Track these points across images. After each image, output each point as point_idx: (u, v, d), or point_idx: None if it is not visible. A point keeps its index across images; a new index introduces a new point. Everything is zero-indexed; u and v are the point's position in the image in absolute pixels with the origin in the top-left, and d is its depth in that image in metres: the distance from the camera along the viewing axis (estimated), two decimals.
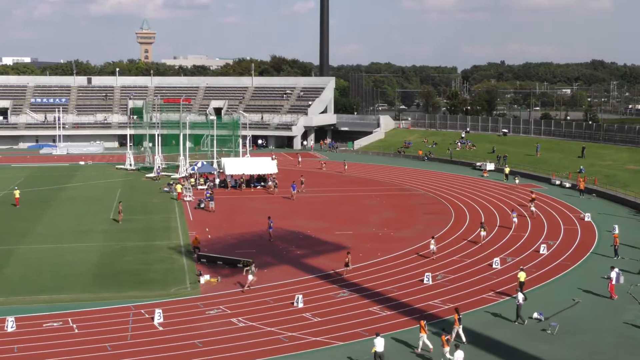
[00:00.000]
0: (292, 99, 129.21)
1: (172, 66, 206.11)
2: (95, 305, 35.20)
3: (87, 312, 34.29)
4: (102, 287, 38.37)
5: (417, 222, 56.02)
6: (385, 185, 76.76)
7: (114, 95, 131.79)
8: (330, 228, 53.57)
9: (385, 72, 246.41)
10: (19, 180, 79.89)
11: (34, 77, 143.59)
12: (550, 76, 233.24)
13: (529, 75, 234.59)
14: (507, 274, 40.78)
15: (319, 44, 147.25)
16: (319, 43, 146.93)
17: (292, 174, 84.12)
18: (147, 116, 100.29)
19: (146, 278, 40.04)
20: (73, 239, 49.63)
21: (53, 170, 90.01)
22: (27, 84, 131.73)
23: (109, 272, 41.24)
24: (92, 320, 33.11)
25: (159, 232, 52.18)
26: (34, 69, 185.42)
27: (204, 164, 78.12)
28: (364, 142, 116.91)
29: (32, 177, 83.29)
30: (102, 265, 42.90)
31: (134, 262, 43.54)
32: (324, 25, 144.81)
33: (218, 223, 55.36)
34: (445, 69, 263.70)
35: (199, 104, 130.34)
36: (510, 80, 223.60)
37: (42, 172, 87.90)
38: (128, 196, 69.12)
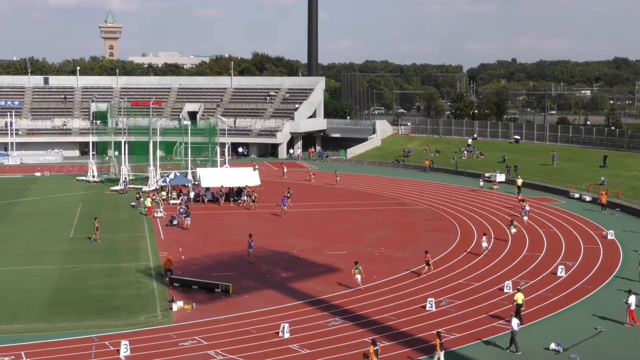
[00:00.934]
0: (277, 102, 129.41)
1: (140, 64, 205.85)
2: (52, 337, 34.95)
3: (43, 344, 34.03)
4: (61, 315, 38.14)
5: (418, 241, 56.05)
6: (382, 199, 76.82)
7: (75, 98, 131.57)
8: (320, 247, 53.54)
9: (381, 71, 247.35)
10: None
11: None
12: (568, 76, 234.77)
13: (543, 74, 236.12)
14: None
15: (306, 40, 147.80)
16: (307, 39, 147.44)
17: (277, 186, 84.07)
18: (112, 121, 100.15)
19: (111, 305, 39.85)
20: (27, 261, 49.35)
21: (4, 182, 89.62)
22: None
23: (69, 299, 41.01)
24: (49, 354, 32.86)
25: (126, 252, 51.98)
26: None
27: (177, 175, 78.02)
28: (357, 150, 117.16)
29: None
30: (61, 290, 42.66)
31: (97, 287, 43.33)
32: (312, 18, 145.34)
33: (193, 242, 55.21)
34: (450, 68, 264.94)
35: (171, 107, 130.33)
36: (523, 81, 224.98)
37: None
38: (90, 212, 68.82)
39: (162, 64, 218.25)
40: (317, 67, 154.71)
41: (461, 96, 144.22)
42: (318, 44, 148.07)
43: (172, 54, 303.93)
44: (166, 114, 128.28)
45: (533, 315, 37.88)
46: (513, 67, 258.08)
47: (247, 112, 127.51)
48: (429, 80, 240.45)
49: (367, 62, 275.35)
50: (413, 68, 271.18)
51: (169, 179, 76.86)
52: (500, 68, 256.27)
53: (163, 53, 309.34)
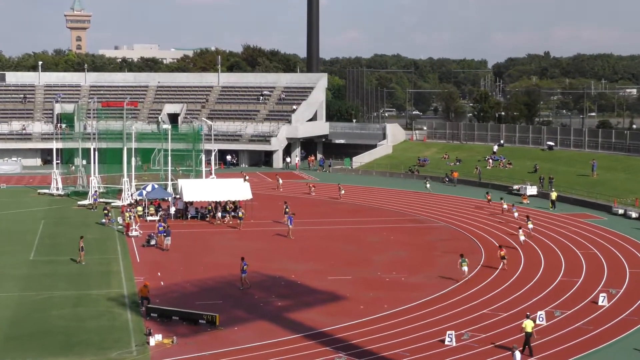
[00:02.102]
0: (271, 103, 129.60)
1: (112, 59, 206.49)
2: None
3: None
4: (19, 351, 38.08)
5: (435, 264, 56.04)
6: (394, 216, 76.83)
7: (36, 97, 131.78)
8: (321, 272, 53.52)
9: (393, 67, 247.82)
10: None
11: None
12: (610, 72, 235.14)
13: (581, 70, 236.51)
14: (556, 332, 40.79)
15: (306, 31, 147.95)
16: (306, 29, 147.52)
17: (271, 200, 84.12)
18: (79, 125, 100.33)
19: (78, 339, 39.81)
20: None
21: None
22: None
23: (28, 332, 40.97)
24: None
25: (96, 277, 51.94)
26: None
27: (155, 187, 78.07)
28: (365, 158, 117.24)
29: None
30: (19, 322, 42.63)
31: (61, 317, 43.29)
32: (312, 6, 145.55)
33: (174, 266, 55.19)
34: (472, 63, 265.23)
35: (148, 109, 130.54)
36: (557, 78, 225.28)
37: None
38: (54, 230, 68.90)
39: (137, 58, 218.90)
40: (318, 63, 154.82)
41: (485, 96, 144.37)
42: (319, 36, 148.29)
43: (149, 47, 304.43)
44: (143, 116, 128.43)
45: (570, 352, 37.81)
46: (546, 62, 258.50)
47: (236, 114, 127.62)
48: (448, 77, 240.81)
49: (376, 56, 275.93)
50: (429, 63, 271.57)
51: (145, 192, 76.87)
52: (531, 63, 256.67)
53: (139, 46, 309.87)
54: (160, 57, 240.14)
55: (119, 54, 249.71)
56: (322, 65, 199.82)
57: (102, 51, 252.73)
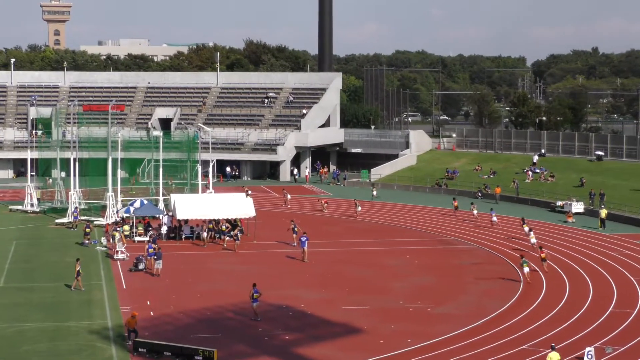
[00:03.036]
0: (278, 106, 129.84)
1: (96, 56, 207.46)
2: None
3: None
4: None
5: (466, 292, 55.93)
6: (418, 236, 76.76)
7: (7, 100, 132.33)
8: (335, 300, 53.43)
9: (417, 65, 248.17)
10: None
11: None
12: None
13: (635, 69, 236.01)
14: None
15: (317, 24, 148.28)
16: (318, 22, 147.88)
17: (278, 218, 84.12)
18: (57, 131, 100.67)
19: None
20: None
21: None
22: None
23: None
24: None
25: (75, 307, 51.90)
26: None
27: (144, 203, 78.20)
28: (385, 170, 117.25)
29: None
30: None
31: (35, 353, 43.26)
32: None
33: (165, 293, 55.16)
34: (509, 61, 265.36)
35: (136, 113, 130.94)
36: (607, 77, 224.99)
37: None
38: (28, 253, 68.98)
39: (124, 55, 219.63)
40: (332, 60, 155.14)
41: (524, 98, 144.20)
42: (332, 29, 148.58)
43: (138, 42, 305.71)
44: (130, 121, 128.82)
45: None
46: (594, 59, 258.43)
47: (238, 119, 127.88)
48: (481, 76, 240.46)
49: (397, 52, 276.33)
50: (459, 61, 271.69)
51: (133, 209, 76.98)
52: (576, 60, 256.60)
53: (126, 41, 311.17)
54: (150, 54, 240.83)
55: (103, 50, 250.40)
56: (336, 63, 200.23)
57: (83, 47, 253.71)
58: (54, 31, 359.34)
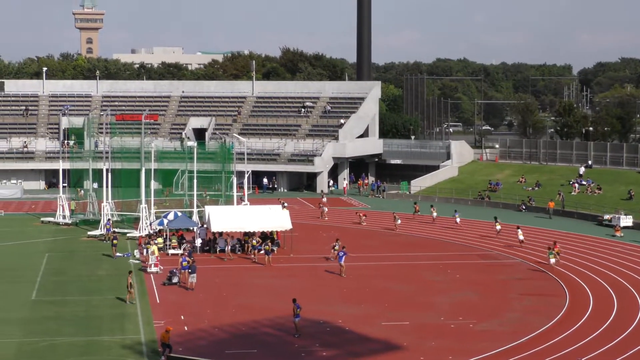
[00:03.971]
0: (315, 116, 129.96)
1: (129, 64, 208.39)
2: None
3: None
4: None
5: (510, 308, 55.66)
6: (460, 250, 76.56)
7: (39, 109, 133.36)
8: (374, 316, 53.39)
9: (458, 73, 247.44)
10: None
11: None
12: None
13: None
14: None
15: (355, 31, 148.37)
16: (357, 29, 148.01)
17: (315, 230, 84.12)
18: (90, 141, 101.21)
19: None
20: None
21: None
22: None
23: None
24: None
25: (108, 321, 52.21)
26: None
27: (177, 215, 78.47)
28: (426, 181, 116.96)
29: None
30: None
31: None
32: (363, 2, 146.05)
33: (200, 307, 55.33)
34: (554, 69, 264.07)
35: (170, 123, 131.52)
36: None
37: None
38: (60, 266, 69.46)
39: (158, 63, 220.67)
40: (370, 69, 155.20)
41: (570, 108, 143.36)
42: (371, 37, 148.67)
43: (172, 51, 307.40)
44: (164, 131, 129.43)
45: None
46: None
47: (274, 129, 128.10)
48: (525, 85, 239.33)
49: (438, 60, 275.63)
50: (502, 69, 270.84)
51: (167, 221, 77.32)
52: (624, 68, 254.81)
53: (160, 49, 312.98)
54: (184, 63, 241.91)
55: (136, 59, 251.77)
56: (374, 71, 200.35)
57: (116, 55, 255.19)
58: (87, 39, 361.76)
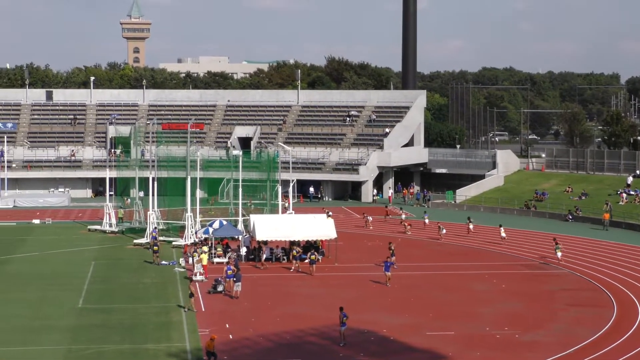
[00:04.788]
0: (360, 125, 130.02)
1: (175, 74, 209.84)
2: None
3: None
4: None
5: (556, 319, 55.27)
6: (506, 260, 76.20)
7: (87, 118, 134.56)
8: (418, 326, 53.26)
9: (505, 82, 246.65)
10: None
11: None
12: None
13: None
14: None
15: (401, 40, 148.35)
16: (402, 38, 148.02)
17: (359, 240, 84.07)
18: (136, 150, 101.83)
19: None
20: (21, 340, 50.18)
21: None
22: None
23: None
24: None
25: (153, 329, 52.47)
26: None
27: (223, 224, 78.75)
28: (471, 191, 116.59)
29: None
30: None
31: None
32: (409, 10, 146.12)
33: (245, 316, 55.48)
34: (601, 78, 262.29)
35: (216, 132, 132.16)
36: None
37: None
38: (106, 273, 69.96)
39: (204, 73, 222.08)
40: (415, 78, 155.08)
41: (618, 117, 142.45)
42: (417, 46, 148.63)
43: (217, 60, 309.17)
44: (209, 140, 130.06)
45: None
46: None
47: (319, 138, 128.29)
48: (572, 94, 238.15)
49: (484, 69, 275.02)
50: (549, 78, 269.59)
51: (212, 230, 77.62)
52: None
53: (206, 58, 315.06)
54: (230, 72, 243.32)
55: (182, 68, 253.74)
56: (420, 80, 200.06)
57: (162, 65, 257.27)
58: (134, 49, 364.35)
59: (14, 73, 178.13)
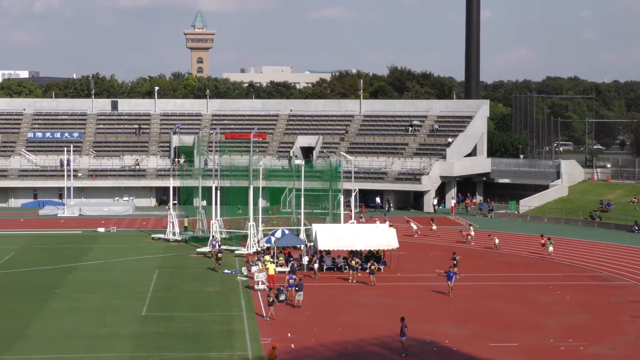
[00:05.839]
0: (422, 134, 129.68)
1: (238, 83, 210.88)
2: None
3: None
4: None
5: (622, 332, 54.71)
6: (570, 271, 75.59)
7: (151, 128, 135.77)
8: (481, 337, 53.02)
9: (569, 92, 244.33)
10: (9, 254, 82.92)
11: (33, 99, 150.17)
12: None
13: None
14: None
15: (464, 50, 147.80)
16: (465, 48, 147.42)
17: (421, 249, 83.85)
18: (199, 159, 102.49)
19: None
20: (85, 347, 50.80)
21: (58, 240, 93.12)
22: (23, 110, 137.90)
23: None
24: None
25: (216, 337, 52.79)
26: (34, 87, 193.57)
27: (285, 233, 78.98)
28: (534, 201, 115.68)
29: (28, 250, 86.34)
30: None
31: None
32: (472, 19, 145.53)
33: (306, 325, 55.59)
34: None
35: (278, 141, 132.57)
36: None
37: (42, 242, 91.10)
38: (169, 281, 70.53)
39: (267, 82, 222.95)
40: (479, 87, 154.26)
41: None
42: (480, 55, 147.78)
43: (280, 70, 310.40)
44: (272, 150, 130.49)
45: None
46: None
47: (381, 148, 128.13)
48: (638, 104, 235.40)
49: (548, 79, 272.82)
50: (615, 87, 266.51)
51: (274, 239, 77.87)
52: None
53: (268, 68, 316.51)
54: (292, 82, 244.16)
55: (245, 78, 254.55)
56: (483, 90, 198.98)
57: (226, 74, 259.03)
58: (197, 59, 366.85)
59: (80, 83, 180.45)
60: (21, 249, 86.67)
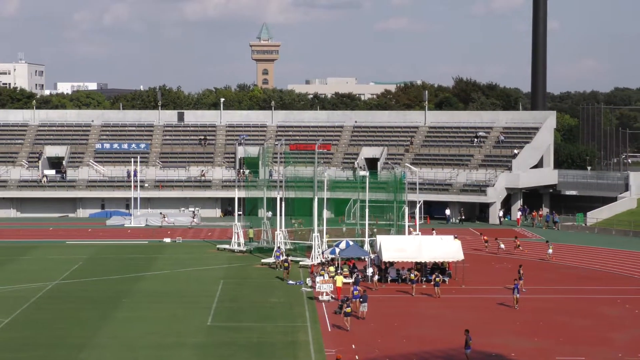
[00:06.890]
0: (488, 146, 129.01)
1: (303, 95, 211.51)
2: None
3: None
4: None
5: None
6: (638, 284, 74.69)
7: (217, 139, 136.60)
8: (548, 350, 52.62)
9: (638, 102, 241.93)
10: (77, 264, 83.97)
11: (101, 111, 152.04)
12: None
13: None
14: None
15: (530, 61, 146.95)
16: (531, 58, 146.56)
17: (487, 262, 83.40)
18: (264, 170, 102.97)
19: None
20: (154, 356, 51.32)
21: (125, 250, 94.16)
22: (92, 122, 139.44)
23: None
24: None
25: (281, 348, 52.98)
26: (102, 99, 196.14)
27: (349, 244, 78.98)
28: (602, 213, 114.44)
29: (95, 260, 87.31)
30: None
31: None
32: (538, 30, 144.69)
33: (371, 337, 55.55)
34: None
35: (343, 153, 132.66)
36: None
37: (109, 252, 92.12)
38: (234, 292, 70.90)
39: (332, 94, 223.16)
40: (545, 98, 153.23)
41: None
42: (546, 66, 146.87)
43: (345, 81, 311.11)
44: (336, 161, 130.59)
45: None
46: None
47: (446, 159, 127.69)
48: None
49: (616, 90, 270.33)
50: None
51: (338, 250, 77.89)
52: None
53: (333, 80, 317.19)
54: (357, 93, 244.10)
55: (310, 89, 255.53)
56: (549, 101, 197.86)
57: (291, 86, 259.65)
58: (263, 70, 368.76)
59: (147, 95, 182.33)
60: (89, 258, 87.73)
